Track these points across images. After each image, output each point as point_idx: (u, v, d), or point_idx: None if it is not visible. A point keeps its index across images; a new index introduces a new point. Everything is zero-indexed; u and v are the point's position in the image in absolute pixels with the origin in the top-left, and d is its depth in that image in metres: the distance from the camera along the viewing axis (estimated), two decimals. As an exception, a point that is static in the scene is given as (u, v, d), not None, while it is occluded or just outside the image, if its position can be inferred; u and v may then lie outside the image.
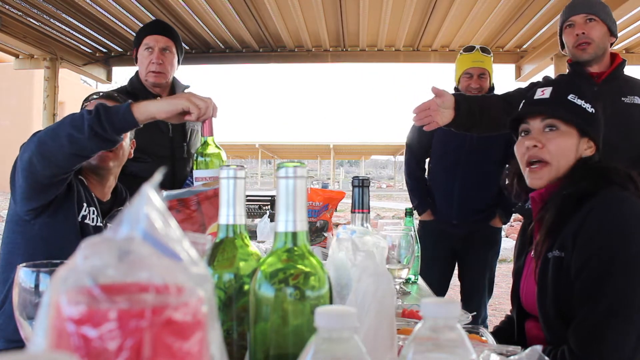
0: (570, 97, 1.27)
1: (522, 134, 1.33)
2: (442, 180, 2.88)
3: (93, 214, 1.60)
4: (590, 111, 1.28)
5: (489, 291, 2.95)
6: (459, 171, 2.80)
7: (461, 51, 2.87)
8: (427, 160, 3.06)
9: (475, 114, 1.84)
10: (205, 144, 1.41)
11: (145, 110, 1.36)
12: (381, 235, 0.93)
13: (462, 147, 2.79)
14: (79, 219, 1.56)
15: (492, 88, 2.86)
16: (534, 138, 1.27)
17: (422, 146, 2.97)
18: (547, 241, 1.22)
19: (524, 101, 1.36)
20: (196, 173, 1.40)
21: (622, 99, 2.10)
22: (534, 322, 1.28)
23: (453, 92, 2.91)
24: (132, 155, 1.77)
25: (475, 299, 2.87)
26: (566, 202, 1.20)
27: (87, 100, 1.67)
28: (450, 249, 2.92)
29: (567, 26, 2.17)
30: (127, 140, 1.68)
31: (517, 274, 1.38)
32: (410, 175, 3.02)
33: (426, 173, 3.06)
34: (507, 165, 1.46)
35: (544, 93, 1.30)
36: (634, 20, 3.48)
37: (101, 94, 1.69)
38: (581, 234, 1.13)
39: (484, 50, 2.81)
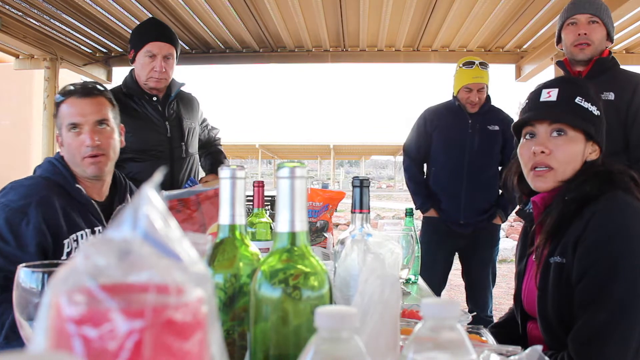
0: (578, 100, 1.22)
1: (527, 137, 1.27)
2: (448, 183, 2.96)
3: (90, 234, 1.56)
4: (596, 114, 1.23)
5: (493, 283, 3.11)
6: (464, 175, 2.91)
7: (460, 65, 2.94)
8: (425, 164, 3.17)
9: None
10: (256, 214, 1.46)
11: None
12: (397, 243, 0.92)
13: (464, 152, 2.90)
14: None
15: (488, 97, 2.98)
16: (541, 144, 1.21)
17: (420, 152, 3.08)
18: (548, 246, 1.20)
19: (527, 102, 1.30)
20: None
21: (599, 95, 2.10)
22: (535, 324, 1.27)
23: (452, 99, 2.97)
24: (124, 143, 1.71)
25: (482, 293, 3.03)
26: (568, 207, 1.17)
27: (62, 92, 1.60)
28: (453, 247, 3.03)
29: (570, 23, 2.16)
30: (116, 136, 1.63)
31: (519, 277, 1.37)
32: (412, 180, 3.10)
33: (424, 175, 3.15)
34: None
35: (550, 95, 1.23)
36: (634, 20, 3.47)
37: (77, 85, 1.62)
38: (582, 241, 1.11)
39: (482, 65, 2.89)
